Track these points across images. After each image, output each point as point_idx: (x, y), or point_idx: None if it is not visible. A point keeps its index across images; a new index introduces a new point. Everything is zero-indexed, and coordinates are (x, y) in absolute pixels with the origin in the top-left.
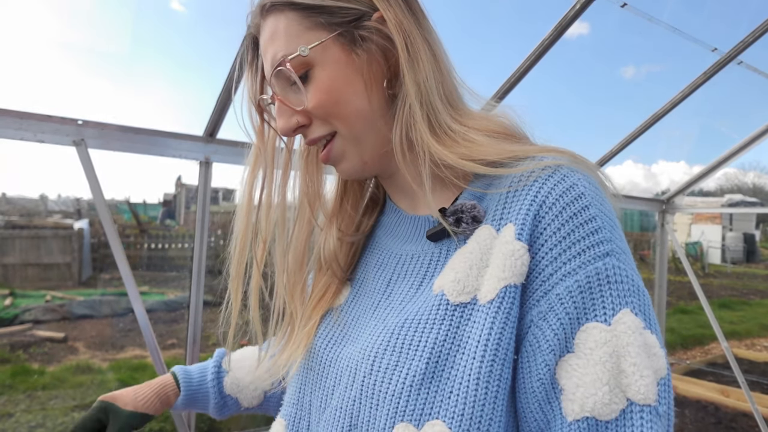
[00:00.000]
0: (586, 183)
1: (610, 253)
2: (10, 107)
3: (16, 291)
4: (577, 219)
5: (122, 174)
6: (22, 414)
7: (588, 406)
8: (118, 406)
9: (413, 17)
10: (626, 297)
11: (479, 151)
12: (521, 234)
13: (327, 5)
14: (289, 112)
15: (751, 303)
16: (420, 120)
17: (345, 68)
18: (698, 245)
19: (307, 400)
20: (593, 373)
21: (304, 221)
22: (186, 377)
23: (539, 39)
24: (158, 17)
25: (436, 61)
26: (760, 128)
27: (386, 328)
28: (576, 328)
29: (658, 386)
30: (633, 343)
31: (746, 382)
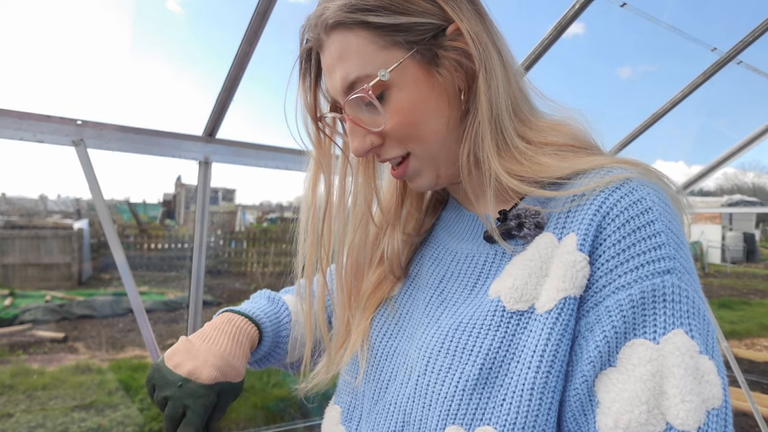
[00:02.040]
0: (655, 197)
1: (671, 271)
2: (10, 107)
3: (16, 291)
4: (640, 233)
5: (122, 174)
6: (22, 414)
7: (622, 423)
8: (232, 383)
9: (484, 24)
10: (682, 318)
11: (544, 172)
12: (583, 245)
13: (402, 23)
14: (362, 132)
15: (751, 303)
16: (488, 139)
17: (424, 88)
18: (698, 245)
19: (361, 390)
20: (632, 390)
21: (363, 224)
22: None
23: (538, 39)
24: (156, 17)
25: (506, 71)
26: (760, 128)
27: (440, 330)
28: (622, 343)
29: (707, 416)
30: (680, 364)
31: (746, 382)
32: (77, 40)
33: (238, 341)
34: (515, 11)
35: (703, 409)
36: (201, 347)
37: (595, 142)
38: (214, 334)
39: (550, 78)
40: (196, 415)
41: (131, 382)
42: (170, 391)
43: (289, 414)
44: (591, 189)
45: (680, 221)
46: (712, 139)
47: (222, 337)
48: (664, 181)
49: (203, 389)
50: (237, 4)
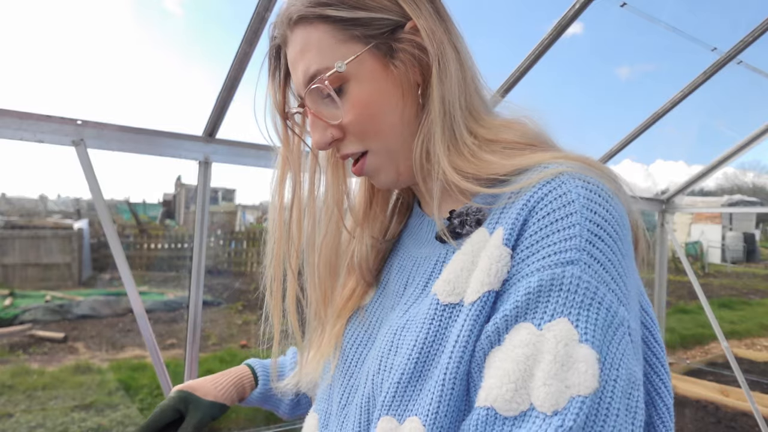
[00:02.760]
0: (582, 190)
1: (574, 262)
2: (10, 107)
3: (16, 291)
4: (556, 225)
5: (122, 174)
6: (22, 414)
7: (491, 397)
8: (198, 396)
9: (443, 24)
10: (572, 308)
11: (487, 169)
12: (509, 239)
13: (360, 17)
14: (323, 125)
15: (751, 302)
16: (439, 133)
17: (381, 81)
18: (698, 245)
19: (336, 397)
20: (505, 369)
21: (333, 225)
22: (264, 371)
23: (538, 39)
24: (156, 18)
25: (462, 70)
26: (760, 128)
27: (391, 330)
28: (511, 326)
29: (570, 401)
30: (551, 351)
31: (746, 382)
32: (77, 40)
33: (226, 377)
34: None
35: (566, 395)
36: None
37: (547, 139)
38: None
39: (550, 78)
40: (155, 411)
41: (131, 382)
42: None
43: None
44: (526, 185)
45: (617, 216)
46: (712, 139)
47: (219, 373)
48: (607, 174)
49: (171, 393)
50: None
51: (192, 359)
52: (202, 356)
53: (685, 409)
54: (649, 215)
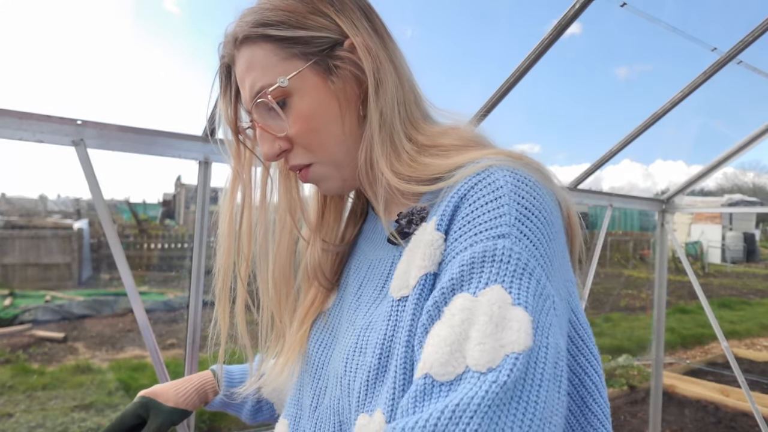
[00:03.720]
0: (509, 178)
1: (505, 235)
2: (9, 107)
3: (16, 291)
4: (486, 207)
5: (122, 174)
6: (22, 414)
7: (428, 363)
8: (159, 402)
9: (380, 40)
10: (505, 276)
11: (428, 171)
12: (440, 225)
13: (300, 36)
14: (271, 138)
15: (751, 302)
16: (379, 143)
17: (322, 95)
18: (698, 245)
19: (306, 402)
20: (442, 335)
21: (286, 233)
22: (228, 377)
23: (537, 39)
24: (154, 18)
25: (400, 83)
26: (760, 128)
27: (354, 331)
28: (449, 299)
29: (505, 359)
30: (486, 312)
31: (746, 382)
32: (77, 40)
33: (189, 382)
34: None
35: (501, 353)
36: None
37: (482, 139)
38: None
39: (550, 78)
40: (117, 417)
41: (131, 382)
42: None
43: None
44: (459, 178)
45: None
46: (712, 139)
47: (183, 379)
48: (533, 166)
49: (135, 399)
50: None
51: (192, 359)
52: (202, 356)
53: (685, 409)
54: (649, 215)
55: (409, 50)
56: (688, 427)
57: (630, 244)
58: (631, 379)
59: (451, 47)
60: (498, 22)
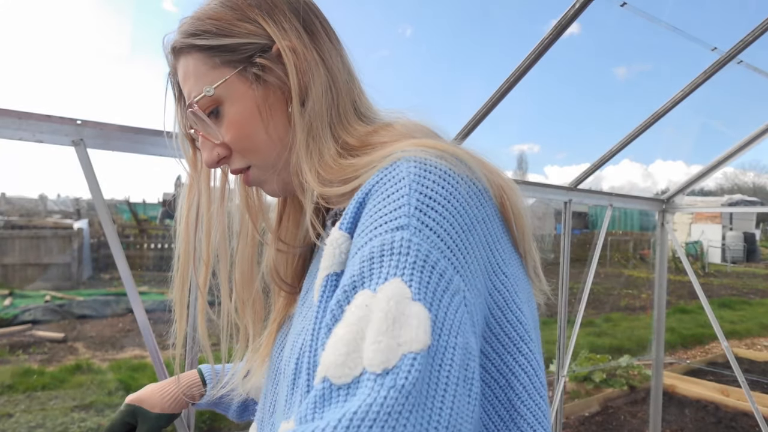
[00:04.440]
0: (413, 168)
1: (404, 227)
2: (9, 107)
3: (16, 291)
4: (387, 200)
5: (122, 174)
6: (22, 414)
7: (326, 366)
8: (145, 409)
9: (312, 40)
10: (405, 268)
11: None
12: (343, 223)
13: (227, 44)
14: (210, 145)
15: (752, 302)
16: (303, 149)
17: (249, 102)
18: (698, 245)
19: (268, 406)
20: (338, 334)
21: (248, 238)
22: (213, 378)
23: (537, 39)
24: (153, 18)
25: (333, 84)
26: (760, 128)
27: (291, 336)
28: (351, 297)
29: (403, 358)
30: (383, 309)
31: (746, 382)
32: (77, 40)
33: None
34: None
35: (397, 352)
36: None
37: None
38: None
39: (549, 78)
40: (106, 427)
41: (131, 382)
42: None
43: None
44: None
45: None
46: (712, 138)
47: (167, 380)
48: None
49: (122, 407)
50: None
51: (192, 359)
52: (202, 356)
53: (685, 409)
54: (649, 215)
55: (408, 50)
56: (688, 427)
57: (630, 244)
58: (631, 379)
59: (451, 47)
60: (498, 23)
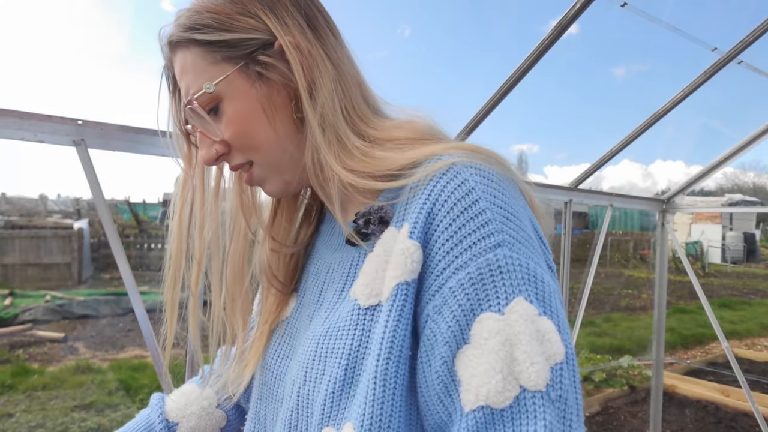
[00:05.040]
0: (477, 177)
1: (501, 244)
2: (10, 107)
3: (16, 291)
4: (467, 213)
5: (122, 174)
6: (22, 414)
7: (482, 395)
8: None
9: (315, 35)
10: (519, 286)
11: (381, 165)
12: (413, 232)
13: (227, 39)
14: (208, 142)
15: (752, 302)
16: (323, 143)
17: (251, 99)
18: (698, 245)
19: (262, 414)
20: (487, 363)
21: (240, 235)
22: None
23: (537, 39)
24: (153, 18)
25: (340, 79)
26: (760, 128)
27: (314, 338)
28: (471, 320)
29: (551, 372)
30: (524, 331)
31: (746, 382)
32: (77, 40)
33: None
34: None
35: (547, 367)
36: None
37: (438, 133)
38: None
39: (549, 78)
40: None
41: (131, 382)
42: None
43: None
44: (423, 177)
45: (512, 195)
46: (712, 139)
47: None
48: (494, 159)
49: None
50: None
51: (192, 359)
52: (202, 355)
53: (685, 409)
54: (649, 215)
55: (408, 50)
56: (688, 427)
57: (630, 244)
58: (631, 380)
59: (450, 48)
60: (498, 23)
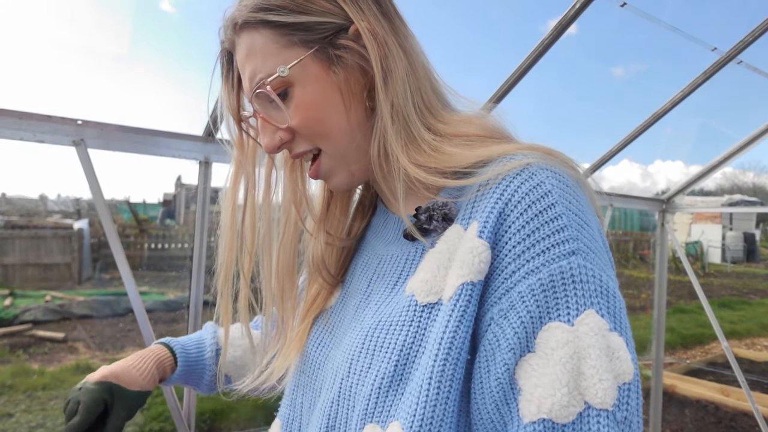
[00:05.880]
0: (554, 180)
1: (576, 252)
2: (10, 107)
3: (16, 291)
4: (541, 217)
5: (122, 174)
6: (22, 414)
7: (545, 408)
8: (124, 387)
9: (389, 23)
10: (591, 297)
11: (449, 161)
12: (483, 231)
13: (302, 22)
14: (272, 129)
15: (751, 302)
16: (392, 133)
17: (324, 85)
18: (698, 245)
19: (299, 402)
20: (552, 374)
21: (291, 226)
22: (183, 351)
23: (536, 40)
24: (152, 18)
25: (412, 69)
26: (760, 128)
27: (362, 330)
28: (538, 328)
29: (619, 391)
30: (595, 345)
31: (746, 382)
32: (77, 40)
33: (143, 358)
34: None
35: (615, 385)
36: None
37: (506, 132)
38: (132, 356)
39: (549, 78)
40: (84, 406)
41: None
42: (71, 394)
43: None
44: (494, 177)
45: (585, 202)
46: (712, 139)
47: (133, 356)
48: (568, 163)
49: (93, 386)
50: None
51: None
52: None
53: (685, 409)
54: (649, 215)
55: None
56: (688, 427)
57: (630, 244)
58: None
59: (450, 48)
60: (497, 24)
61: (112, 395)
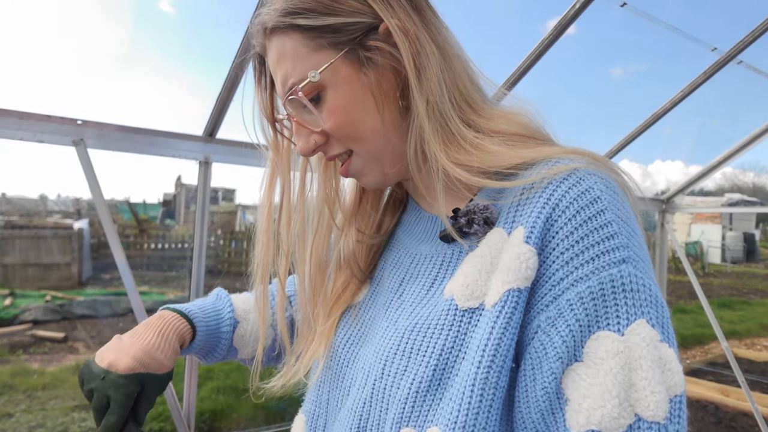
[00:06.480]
0: (602, 186)
1: (626, 260)
2: (10, 107)
3: (16, 291)
4: (591, 223)
5: (122, 174)
6: (22, 414)
7: (595, 419)
8: (153, 374)
9: (420, 17)
10: (642, 307)
11: (492, 161)
12: (530, 237)
13: (331, 24)
14: (306, 132)
15: (751, 302)
16: (430, 132)
17: (355, 88)
18: (698, 245)
19: (324, 398)
20: (602, 384)
21: (324, 224)
22: (204, 323)
23: (536, 40)
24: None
25: (447, 64)
26: (760, 128)
27: (397, 331)
28: (587, 336)
29: (671, 403)
30: (646, 356)
31: (746, 382)
32: (77, 40)
33: (164, 336)
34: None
35: (667, 398)
36: (127, 342)
37: (547, 133)
38: (142, 330)
39: (548, 78)
40: (118, 404)
41: None
42: (94, 384)
43: (289, 414)
44: (539, 180)
45: (631, 209)
46: (712, 139)
47: (149, 332)
48: (614, 169)
49: (122, 379)
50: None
51: (192, 359)
52: None
53: None
54: (649, 215)
55: None
56: (688, 427)
57: None
58: None
59: None
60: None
61: (142, 385)
